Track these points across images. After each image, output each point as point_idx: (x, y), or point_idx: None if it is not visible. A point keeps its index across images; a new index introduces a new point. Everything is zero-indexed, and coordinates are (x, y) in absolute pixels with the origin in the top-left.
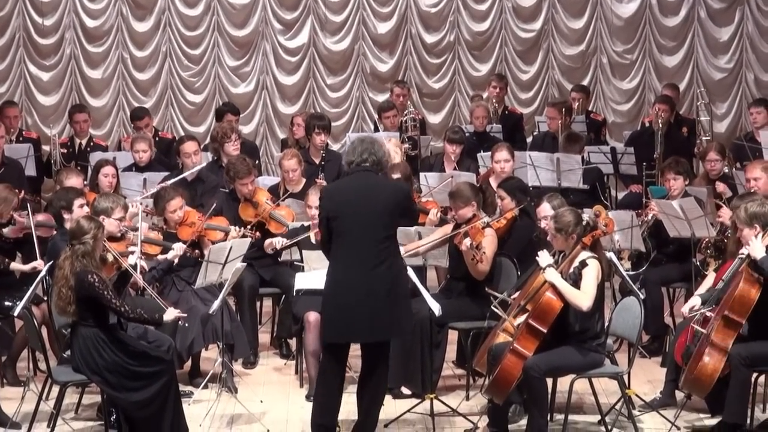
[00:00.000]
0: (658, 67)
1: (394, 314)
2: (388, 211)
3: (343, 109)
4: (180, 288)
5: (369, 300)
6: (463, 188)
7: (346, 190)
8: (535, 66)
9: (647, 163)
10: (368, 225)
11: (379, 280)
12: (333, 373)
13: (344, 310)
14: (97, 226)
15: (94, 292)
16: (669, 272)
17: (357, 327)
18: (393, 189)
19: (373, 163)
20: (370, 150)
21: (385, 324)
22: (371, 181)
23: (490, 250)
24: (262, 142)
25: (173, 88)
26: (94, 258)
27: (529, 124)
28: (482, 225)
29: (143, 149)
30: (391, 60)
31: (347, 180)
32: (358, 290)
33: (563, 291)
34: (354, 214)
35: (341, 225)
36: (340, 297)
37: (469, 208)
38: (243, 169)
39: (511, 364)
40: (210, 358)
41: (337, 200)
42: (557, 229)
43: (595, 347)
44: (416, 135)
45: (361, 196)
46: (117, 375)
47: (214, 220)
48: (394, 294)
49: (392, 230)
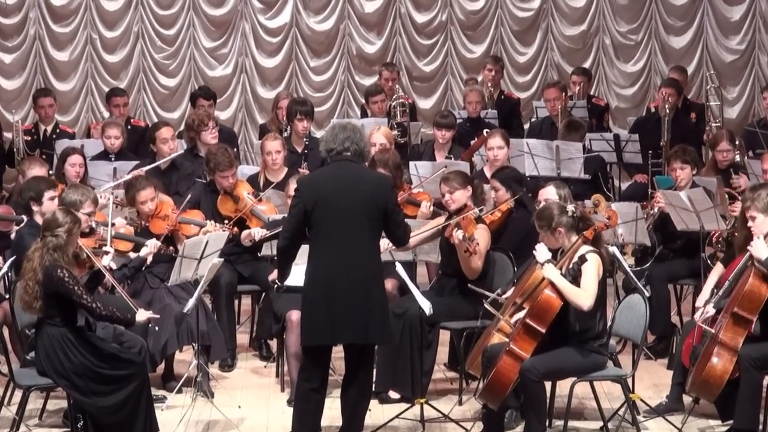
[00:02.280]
0: (664, 48)
1: (377, 316)
2: (371, 204)
3: (327, 94)
4: (153, 285)
5: (351, 299)
6: (459, 172)
7: (326, 179)
8: (533, 47)
9: (653, 151)
10: (350, 218)
11: (362, 278)
12: (314, 377)
13: (325, 309)
14: (73, 221)
15: (64, 288)
16: (676, 268)
17: (338, 328)
18: (377, 181)
19: (355, 152)
20: (352, 138)
21: (369, 325)
22: (354, 171)
23: (482, 245)
24: (240, 128)
25: (145, 71)
26: (66, 253)
27: (527, 110)
28: (474, 216)
29: (115, 135)
30: (378, 41)
31: (327, 169)
32: (339, 289)
33: (562, 289)
34: (335, 207)
35: (320, 218)
36: (320, 295)
37: (464, 192)
38: (224, 161)
39: (507, 367)
40: (184, 360)
41: (317, 190)
42: (540, 226)
43: (597, 348)
44: (406, 121)
45: (343, 187)
46: (85, 378)
47: (189, 214)
48: (377, 295)
49: (376, 226)
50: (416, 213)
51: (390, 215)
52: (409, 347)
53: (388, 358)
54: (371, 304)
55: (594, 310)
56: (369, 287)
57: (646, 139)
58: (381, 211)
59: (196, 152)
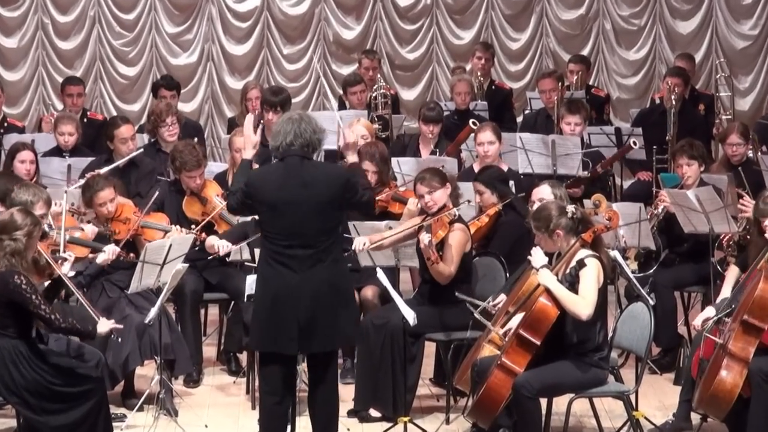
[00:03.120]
0: (670, 34)
1: (335, 320)
2: (324, 201)
3: (301, 84)
4: (111, 294)
5: (306, 304)
6: (434, 169)
7: (273, 179)
8: (527, 33)
9: (658, 146)
10: (302, 218)
11: (317, 280)
12: (276, 388)
13: (278, 316)
14: (33, 223)
15: (20, 296)
16: (683, 274)
17: (293, 336)
18: (329, 176)
19: (302, 145)
20: (296, 131)
21: (326, 331)
22: (304, 169)
23: (455, 249)
24: (206, 122)
25: (102, 59)
26: (26, 259)
27: (520, 101)
28: (451, 217)
29: (69, 131)
30: (357, 26)
31: (274, 167)
32: (293, 293)
33: (559, 296)
34: (284, 207)
35: (270, 224)
36: (272, 301)
37: (444, 191)
38: (192, 160)
39: (498, 382)
40: (146, 375)
41: (266, 193)
42: (537, 227)
43: (597, 361)
44: (387, 114)
45: (292, 186)
46: (37, 395)
47: (153, 217)
48: (335, 297)
49: (331, 223)
50: (402, 211)
51: (351, 203)
52: (390, 361)
53: (367, 372)
54: (331, 310)
55: (593, 319)
56: (328, 290)
57: (650, 133)
58: (338, 208)
59: (158, 147)
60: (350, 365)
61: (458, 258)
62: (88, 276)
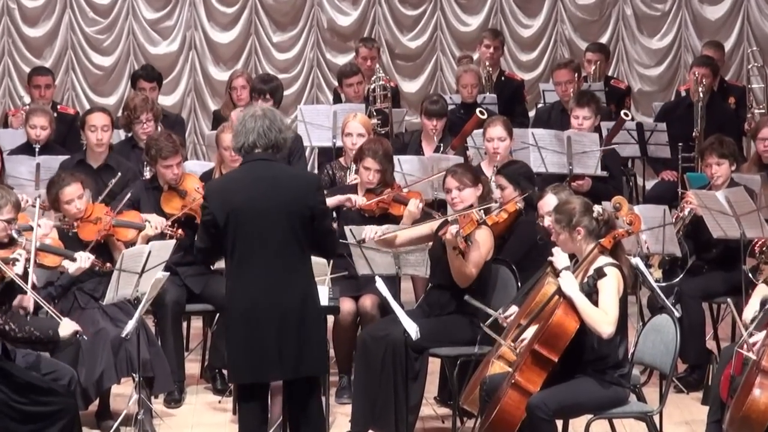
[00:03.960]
0: (697, 19)
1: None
2: (295, 211)
3: (293, 75)
4: (83, 305)
5: (278, 326)
6: (468, 166)
7: (237, 187)
8: (540, 19)
9: (684, 143)
10: (271, 233)
11: (288, 300)
12: (251, 419)
13: (251, 341)
14: None
15: None
16: (711, 283)
17: (268, 362)
18: (300, 181)
19: (266, 146)
20: (259, 130)
21: (301, 356)
22: (270, 173)
23: (482, 250)
24: (189, 116)
25: (75, 48)
26: None
27: (532, 94)
28: (478, 218)
29: (42, 125)
30: (354, 11)
31: (238, 173)
32: (263, 315)
33: (581, 309)
34: (250, 221)
35: (235, 235)
36: (243, 325)
37: (474, 191)
38: (167, 146)
39: (511, 403)
40: (122, 394)
41: (228, 201)
42: (557, 221)
43: (617, 379)
44: (387, 107)
45: (258, 196)
46: (1, 416)
47: (126, 215)
48: (308, 317)
49: (305, 237)
50: (402, 213)
51: (315, 221)
52: (392, 378)
53: (366, 391)
54: (305, 332)
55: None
56: (300, 309)
57: (675, 128)
58: (307, 218)
59: (134, 143)
60: (347, 383)
61: (482, 260)
62: (59, 287)
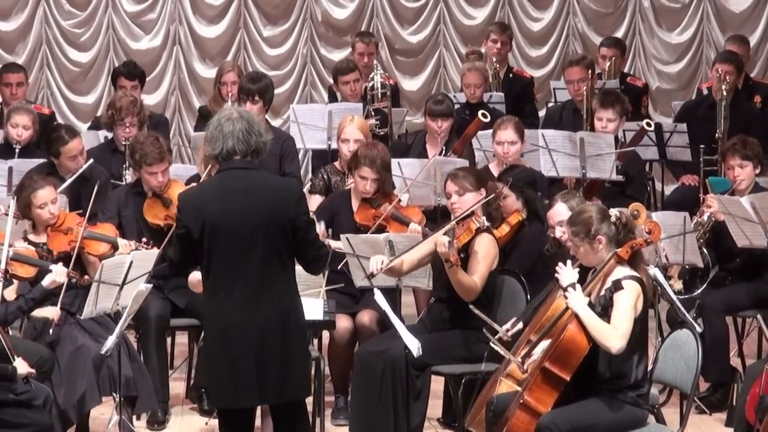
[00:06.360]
0: (720, 12)
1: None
2: (275, 222)
3: (285, 72)
4: (59, 320)
5: (258, 348)
6: (472, 169)
7: (213, 197)
8: (551, 12)
9: (705, 145)
10: (249, 246)
11: (268, 319)
12: None
13: (230, 363)
14: None
15: None
16: (735, 295)
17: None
18: (280, 190)
19: (245, 152)
20: (238, 135)
21: (284, 380)
22: (248, 181)
23: (483, 258)
24: (173, 116)
25: (50, 43)
26: None
27: (542, 92)
28: (477, 227)
29: (24, 124)
30: (351, 3)
31: (214, 182)
32: (242, 335)
33: (587, 324)
34: (227, 233)
35: (211, 248)
36: (220, 346)
37: (476, 196)
38: (153, 152)
39: (520, 424)
40: (102, 416)
41: (203, 213)
42: (575, 233)
43: (635, 399)
44: (386, 107)
45: (236, 206)
46: None
47: (99, 228)
48: (290, 338)
49: (286, 249)
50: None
51: (297, 233)
52: (392, 397)
53: (364, 411)
54: (287, 355)
55: (630, 350)
56: (282, 330)
57: (696, 129)
58: (288, 231)
59: (114, 147)
60: (343, 403)
61: (486, 270)
62: (31, 300)
